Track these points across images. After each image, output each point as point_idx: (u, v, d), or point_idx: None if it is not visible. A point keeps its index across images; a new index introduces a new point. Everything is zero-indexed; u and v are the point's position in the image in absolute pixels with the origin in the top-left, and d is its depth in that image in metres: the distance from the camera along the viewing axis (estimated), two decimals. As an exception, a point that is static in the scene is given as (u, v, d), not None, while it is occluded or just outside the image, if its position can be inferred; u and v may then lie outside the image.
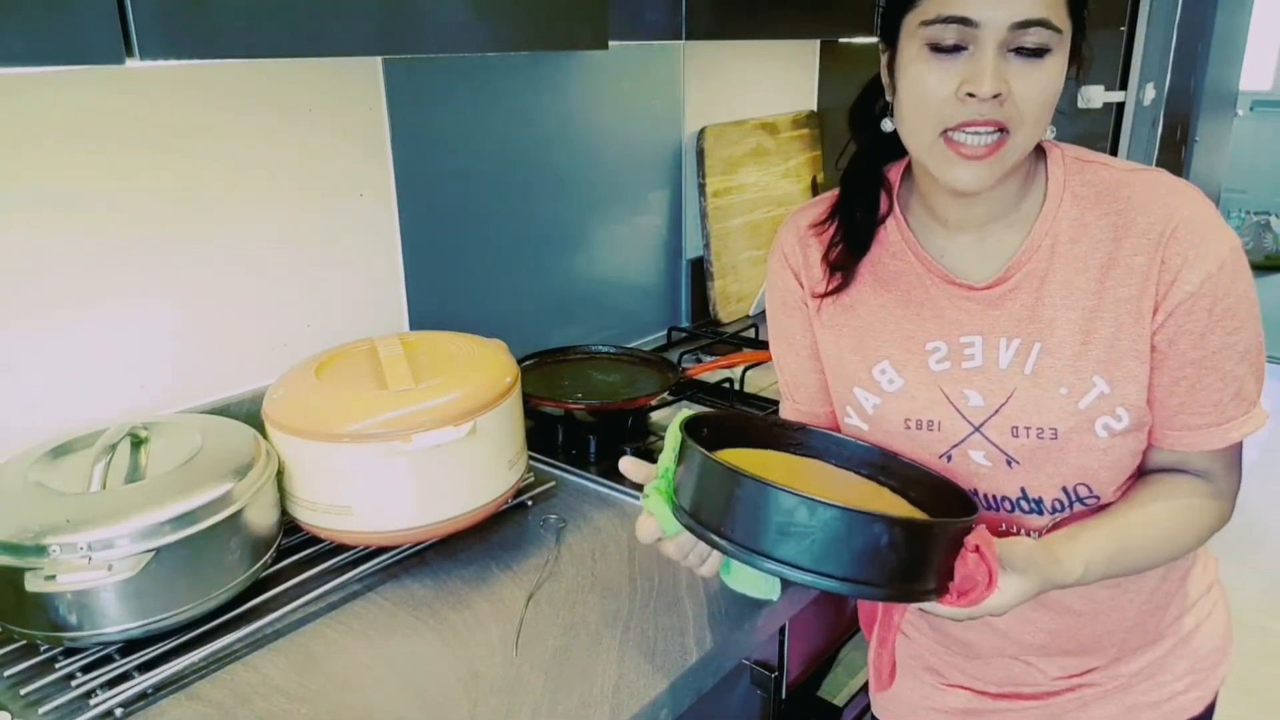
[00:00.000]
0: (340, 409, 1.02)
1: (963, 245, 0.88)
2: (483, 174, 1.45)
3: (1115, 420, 0.83)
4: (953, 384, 0.87)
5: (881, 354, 0.90)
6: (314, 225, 1.25)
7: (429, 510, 1.04)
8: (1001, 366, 0.85)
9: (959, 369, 0.87)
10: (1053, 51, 0.76)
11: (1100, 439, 0.83)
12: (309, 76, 1.20)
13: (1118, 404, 0.82)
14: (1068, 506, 0.87)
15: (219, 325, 1.18)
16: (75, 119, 1.02)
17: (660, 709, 0.86)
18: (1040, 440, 0.84)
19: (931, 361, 0.88)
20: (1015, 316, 0.85)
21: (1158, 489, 0.87)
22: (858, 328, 0.92)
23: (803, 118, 2.08)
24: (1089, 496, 0.86)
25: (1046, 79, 0.77)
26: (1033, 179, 0.86)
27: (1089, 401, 0.83)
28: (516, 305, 1.56)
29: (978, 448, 0.87)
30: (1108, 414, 0.83)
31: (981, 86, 0.75)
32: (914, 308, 0.89)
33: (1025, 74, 0.76)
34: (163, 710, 0.84)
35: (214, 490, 0.91)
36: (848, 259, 0.92)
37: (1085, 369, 0.83)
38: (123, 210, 1.07)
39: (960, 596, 0.73)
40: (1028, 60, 0.76)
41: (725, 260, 1.89)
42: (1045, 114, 0.79)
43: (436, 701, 0.84)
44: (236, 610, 0.95)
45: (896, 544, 0.68)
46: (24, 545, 0.83)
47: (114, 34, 0.66)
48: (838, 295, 0.93)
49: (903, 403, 0.89)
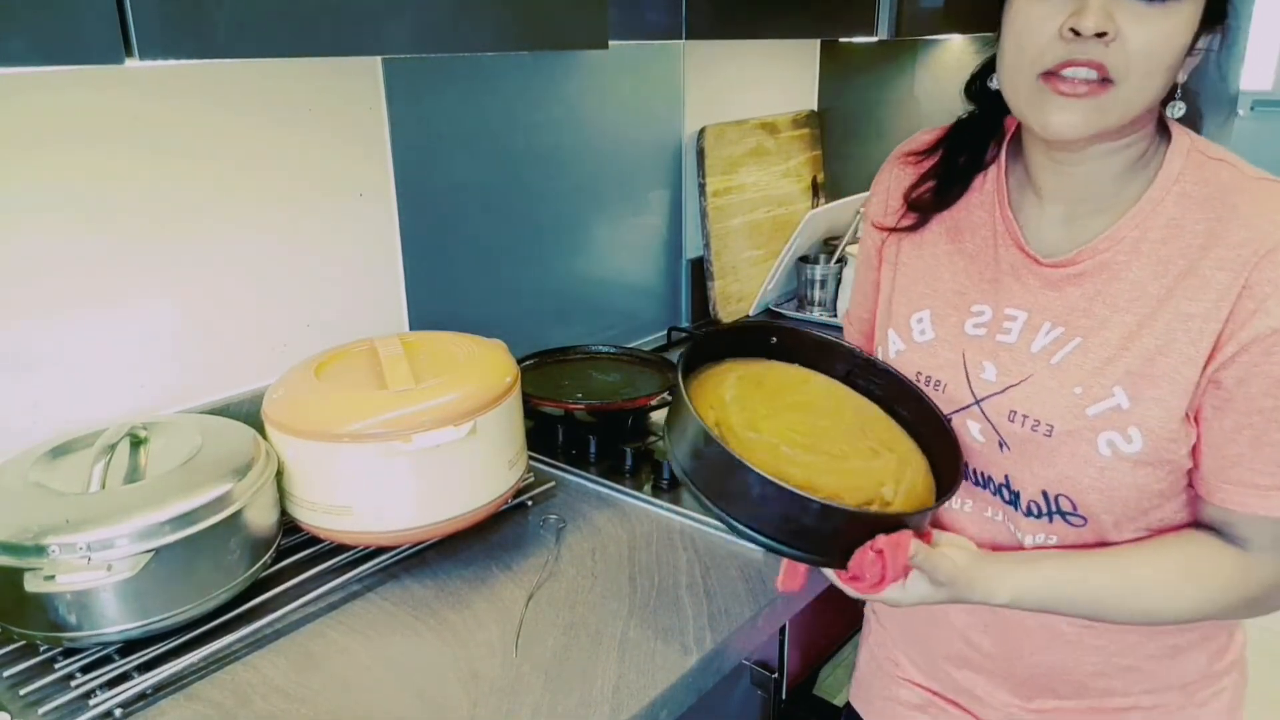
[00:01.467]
0: (340, 409, 1.01)
1: (1050, 219, 0.82)
2: (483, 174, 1.45)
3: (1125, 441, 0.76)
4: (978, 351, 0.84)
5: (925, 303, 0.88)
6: (314, 225, 1.25)
7: (429, 510, 1.04)
8: (1032, 350, 0.81)
9: (992, 339, 0.83)
10: (1180, 1, 0.69)
11: (1100, 454, 0.77)
12: (309, 76, 1.20)
13: (1133, 424, 0.75)
14: (1045, 514, 0.82)
15: (219, 325, 1.18)
16: (75, 119, 1.01)
17: (660, 709, 0.86)
18: (1033, 433, 0.80)
19: (969, 324, 0.85)
20: (1068, 305, 0.80)
21: (1166, 538, 0.79)
22: (915, 270, 0.90)
23: (803, 117, 2.08)
24: (1072, 514, 0.80)
25: (1167, 29, 0.69)
26: (1144, 165, 0.78)
27: (1100, 410, 0.77)
28: (516, 305, 1.56)
29: (975, 420, 0.84)
30: (1117, 431, 0.76)
31: (1085, 20, 0.68)
32: (976, 265, 0.86)
33: (1141, 18, 0.69)
34: (162, 711, 0.84)
35: (213, 490, 0.91)
36: (929, 204, 0.89)
37: (1110, 375, 0.76)
38: (122, 210, 1.07)
39: (850, 580, 0.78)
40: (1146, 4, 0.69)
41: (725, 260, 1.89)
42: (1158, 71, 0.71)
43: (436, 702, 0.84)
44: (236, 610, 0.95)
45: (816, 520, 0.75)
46: (23, 545, 0.82)
47: (113, 34, 0.66)
48: (909, 233, 0.90)
49: (923, 356, 0.88)
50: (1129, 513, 0.79)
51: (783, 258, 1.90)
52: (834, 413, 0.90)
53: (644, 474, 1.26)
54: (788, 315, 1.94)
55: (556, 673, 0.88)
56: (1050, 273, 0.81)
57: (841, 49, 2.14)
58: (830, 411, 0.90)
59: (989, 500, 0.86)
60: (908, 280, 0.91)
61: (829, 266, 1.91)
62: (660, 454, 1.24)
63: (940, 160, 0.90)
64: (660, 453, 1.25)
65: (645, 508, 1.18)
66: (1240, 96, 3.76)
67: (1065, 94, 0.72)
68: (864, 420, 0.90)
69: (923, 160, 0.91)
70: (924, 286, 0.89)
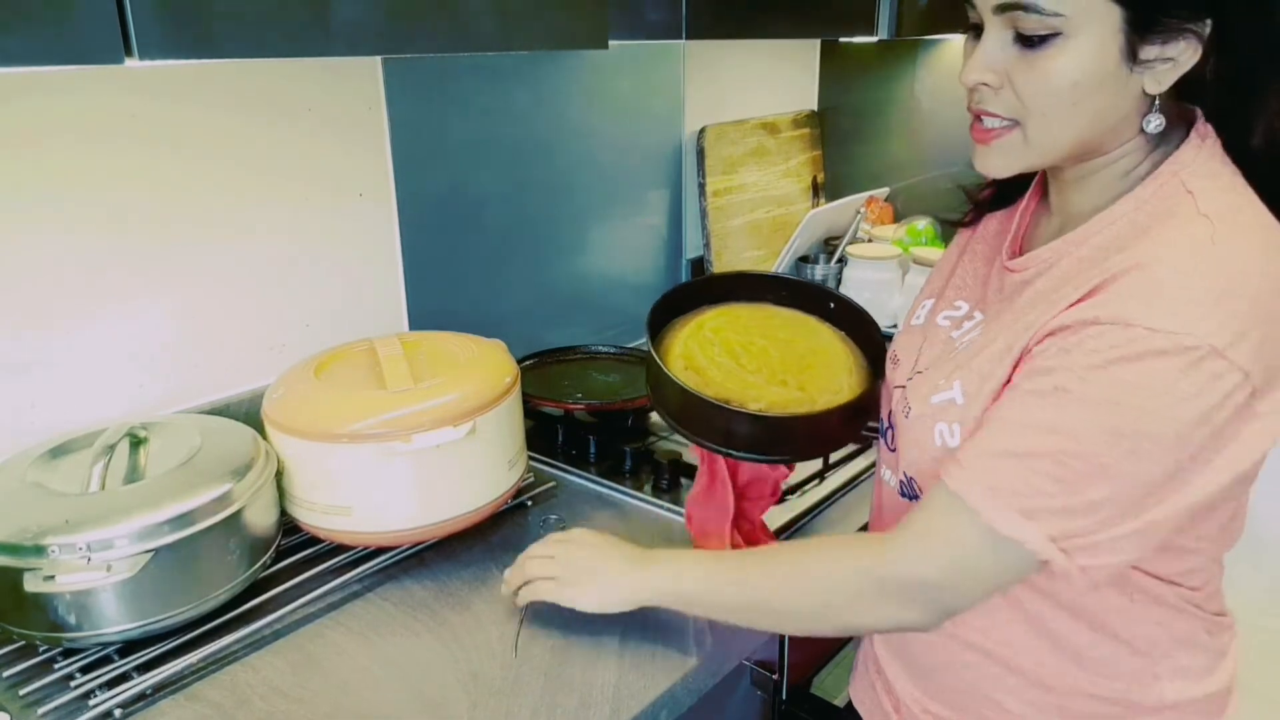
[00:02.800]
0: (340, 409, 1.01)
1: (1048, 229, 0.83)
2: (482, 174, 1.45)
3: (950, 435, 0.77)
4: (933, 340, 0.87)
5: (934, 293, 0.92)
6: (314, 225, 1.25)
7: (429, 510, 1.04)
8: (959, 344, 0.83)
9: (949, 332, 0.86)
10: (1064, 35, 0.67)
11: (934, 443, 0.78)
12: (309, 76, 1.20)
13: (957, 419, 0.76)
14: (910, 496, 0.84)
15: (219, 325, 1.18)
16: (74, 119, 1.01)
17: (660, 709, 0.86)
18: (903, 414, 0.84)
19: (942, 315, 0.88)
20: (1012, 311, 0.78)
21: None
22: (948, 260, 0.94)
23: (803, 117, 2.08)
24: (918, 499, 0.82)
25: (1053, 68, 0.69)
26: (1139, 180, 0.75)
27: (940, 400, 0.79)
28: (516, 305, 1.56)
29: (900, 400, 0.87)
30: (946, 423, 0.77)
31: (963, 74, 0.73)
32: (978, 263, 0.89)
33: (1024, 63, 0.70)
34: (162, 711, 0.84)
35: (213, 490, 0.91)
36: (985, 202, 0.92)
37: (958, 371, 0.78)
38: (122, 210, 1.07)
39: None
40: (1027, 50, 0.69)
41: (725, 260, 1.89)
42: (1059, 106, 0.70)
43: (435, 702, 0.84)
44: (235, 611, 0.95)
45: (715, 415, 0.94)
46: (23, 545, 0.82)
47: (113, 34, 0.66)
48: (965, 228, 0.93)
49: (905, 338, 0.92)
50: None
51: (783, 258, 1.90)
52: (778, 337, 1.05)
53: (644, 474, 1.26)
54: (788, 315, 1.94)
55: (556, 673, 0.88)
56: (1010, 277, 0.82)
57: (841, 49, 2.14)
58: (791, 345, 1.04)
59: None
60: (937, 271, 0.96)
61: (829, 266, 1.91)
62: (661, 454, 1.24)
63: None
64: (661, 452, 1.25)
65: (645, 508, 1.18)
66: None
67: (978, 140, 0.76)
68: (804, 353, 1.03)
69: None
70: (940, 278, 0.93)
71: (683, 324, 1.07)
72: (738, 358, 1.00)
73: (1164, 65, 0.69)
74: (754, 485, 1.03)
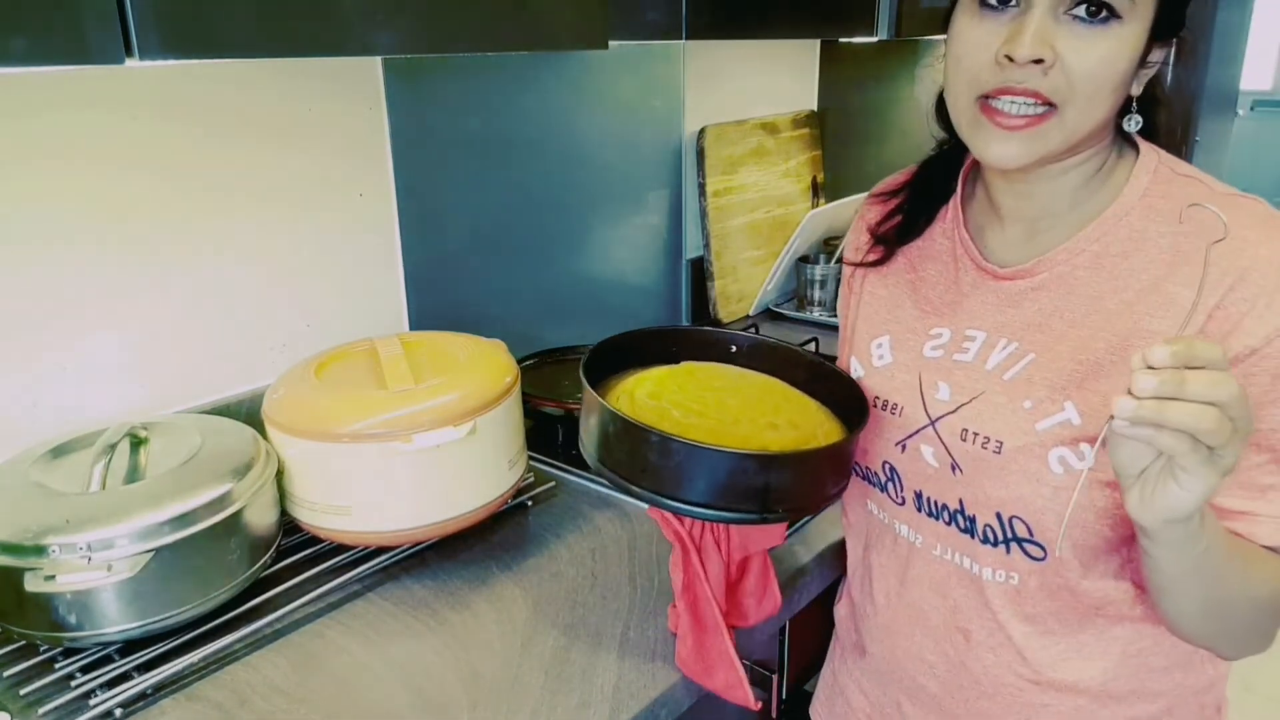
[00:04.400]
0: (340, 409, 1.01)
1: (1011, 238, 0.80)
2: (483, 174, 1.45)
3: (1077, 458, 0.72)
4: (934, 372, 0.82)
5: (885, 328, 0.88)
6: (314, 225, 1.25)
7: (429, 510, 1.04)
8: (987, 367, 0.79)
9: (949, 359, 0.82)
10: (1121, 19, 0.66)
11: (1053, 473, 0.73)
12: (309, 76, 1.20)
13: (1085, 439, 0.72)
14: (1002, 541, 0.78)
15: (219, 325, 1.18)
16: (74, 119, 1.01)
17: (660, 709, 0.86)
18: (984, 450, 0.77)
19: (928, 347, 0.83)
20: (1025, 321, 0.78)
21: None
22: (878, 299, 0.90)
23: (803, 117, 2.08)
24: (1028, 540, 0.76)
25: (1107, 50, 0.67)
26: (1107, 178, 0.77)
27: (1049, 425, 0.74)
28: (516, 305, 1.56)
29: (929, 443, 0.81)
30: (1068, 447, 0.73)
31: (1019, 48, 0.66)
32: (937, 290, 0.85)
33: (1081, 40, 0.66)
34: (162, 710, 0.84)
35: (213, 490, 0.91)
36: (893, 238, 0.88)
37: (1062, 389, 0.74)
38: (122, 210, 1.07)
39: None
40: (1087, 25, 0.66)
41: (725, 260, 1.89)
42: (1103, 93, 0.68)
43: (436, 702, 0.84)
44: (236, 610, 0.95)
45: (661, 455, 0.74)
46: (23, 545, 0.82)
47: (113, 33, 0.66)
48: (873, 268, 0.90)
49: (880, 381, 0.87)
50: (1090, 543, 0.75)
51: (783, 258, 1.90)
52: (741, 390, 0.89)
53: (644, 474, 1.26)
54: (788, 315, 1.94)
55: (556, 673, 0.88)
56: (1009, 286, 0.79)
57: (841, 49, 2.14)
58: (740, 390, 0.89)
59: (941, 534, 0.83)
60: (869, 310, 0.91)
61: (829, 266, 1.91)
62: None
63: (906, 196, 0.90)
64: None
65: (645, 508, 1.18)
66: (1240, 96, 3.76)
67: (1003, 126, 0.70)
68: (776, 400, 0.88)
69: (890, 199, 0.91)
70: (885, 315, 0.89)
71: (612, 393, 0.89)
72: (701, 414, 0.82)
73: (1148, 70, 0.72)
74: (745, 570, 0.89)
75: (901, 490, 0.85)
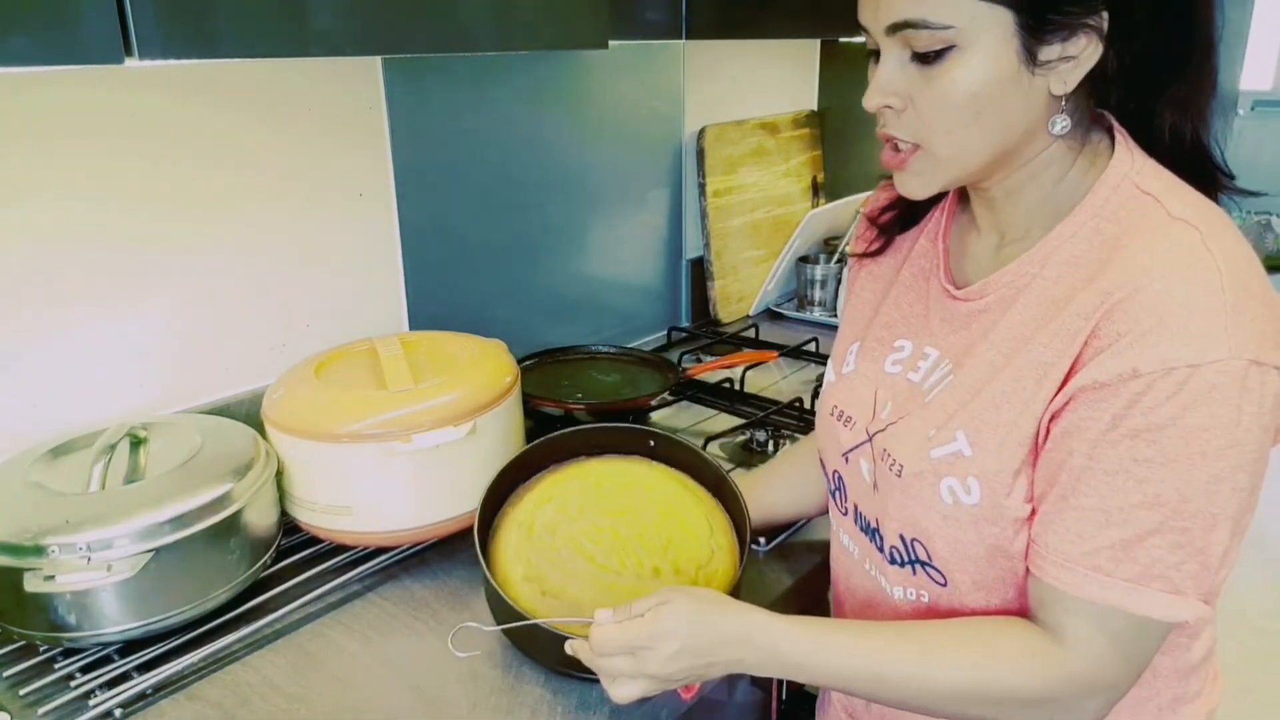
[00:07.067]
0: (340, 409, 1.01)
1: (985, 249, 0.80)
2: (482, 174, 1.45)
3: (964, 491, 0.72)
4: (888, 388, 0.81)
5: (859, 334, 0.88)
6: (314, 225, 1.25)
7: (429, 510, 1.04)
8: (923, 388, 0.78)
9: (904, 377, 0.81)
10: (958, 47, 0.66)
11: (943, 501, 0.73)
12: (309, 76, 1.20)
13: (972, 473, 0.71)
14: (907, 561, 0.79)
15: (219, 325, 1.18)
16: (74, 118, 1.01)
17: (660, 709, 0.86)
18: (890, 472, 0.77)
19: (889, 360, 0.83)
20: (966, 344, 0.76)
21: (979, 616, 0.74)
22: (863, 298, 0.90)
23: (803, 117, 2.08)
24: (928, 563, 0.77)
25: (949, 83, 0.67)
26: (1075, 186, 0.73)
27: (942, 455, 0.73)
28: (516, 305, 1.56)
29: (865, 458, 0.82)
30: (957, 478, 0.72)
31: (865, 100, 0.72)
32: (909, 297, 0.84)
33: (925, 80, 0.68)
34: (162, 711, 0.84)
35: (213, 490, 0.91)
36: (892, 225, 0.88)
37: (958, 419, 0.73)
38: (121, 210, 1.07)
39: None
40: (927, 67, 0.68)
41: (725, 260, 1.89)
42: (960, 120, 0.68)
43: (436, 702, 0.84)
44: (236, 611, 0.95)
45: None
46: (23, 545, 0.82)
47: (113, 33, 0.66)
48: (875, 258, 0.90)
49: (841, 390, 0.87)
50: (983, 573, 0.75)
51: (783, 258, 1.90)
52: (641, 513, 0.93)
53: (644, 474, 1.26)
54: (788, 315, 1.94)
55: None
56: (962, 307, 0.78)
57: (841, 49, 2.15)
58: (639, 512, 0.93)
59: (867, 550, 0.84)
60: (854, 309, 0.91)
61: (829, 266, 1.91)
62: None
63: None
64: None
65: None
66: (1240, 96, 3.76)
67: (893, 165, 0.74)
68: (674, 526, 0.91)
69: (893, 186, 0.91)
70: (863, 319, 0.89)
71: (506, 523, 0.94)
72: (590, 557, 0.88)
73: (1066, 65, 0.67)
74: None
75: (845, 501, 0.87)
